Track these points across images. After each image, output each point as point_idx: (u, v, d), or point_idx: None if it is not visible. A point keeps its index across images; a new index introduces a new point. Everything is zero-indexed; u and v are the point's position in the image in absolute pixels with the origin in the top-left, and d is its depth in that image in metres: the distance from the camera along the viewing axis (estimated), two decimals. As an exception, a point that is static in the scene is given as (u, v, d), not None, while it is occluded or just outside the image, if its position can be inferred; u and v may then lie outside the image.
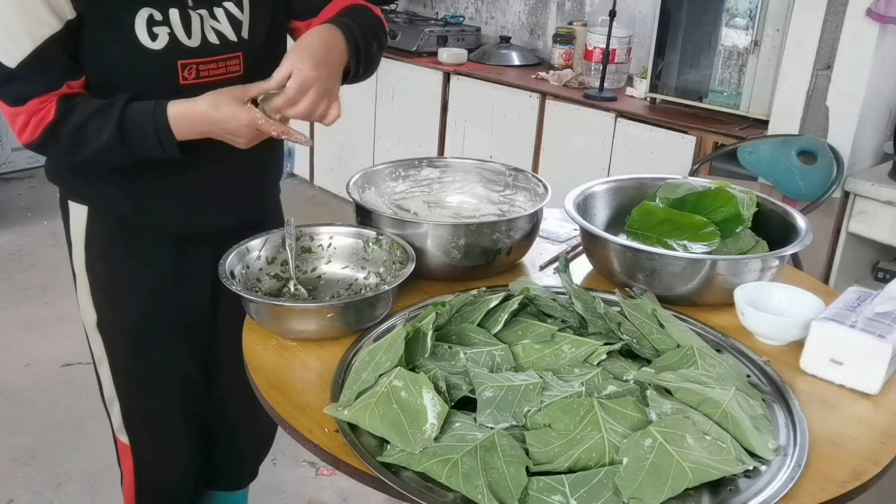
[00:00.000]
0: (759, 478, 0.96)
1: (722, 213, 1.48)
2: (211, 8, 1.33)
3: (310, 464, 2.36)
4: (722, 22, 2.78)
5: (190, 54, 1.31)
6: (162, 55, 1.29)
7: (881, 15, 2.32)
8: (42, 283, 3.37)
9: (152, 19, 1.27)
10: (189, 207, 1.43)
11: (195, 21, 1.31)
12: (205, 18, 1.32)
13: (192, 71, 1.32)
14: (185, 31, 1.30)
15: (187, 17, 1.30)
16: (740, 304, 1.29)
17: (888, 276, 2.66)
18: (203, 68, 1.33)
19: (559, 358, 1.13)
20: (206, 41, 1.33)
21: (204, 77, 1.33)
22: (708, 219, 1.47)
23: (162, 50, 1.28)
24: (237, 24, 1.36)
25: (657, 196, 1.55)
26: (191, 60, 1.31)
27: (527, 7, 3.97)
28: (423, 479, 0.94)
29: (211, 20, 1.33)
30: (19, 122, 1.26)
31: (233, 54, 1.36)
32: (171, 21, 1.28)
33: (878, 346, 1.13)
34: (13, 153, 4.45)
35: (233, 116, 1.25)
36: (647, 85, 3.02)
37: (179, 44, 1.30)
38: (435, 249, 1.38)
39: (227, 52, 1.35)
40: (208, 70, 1.34)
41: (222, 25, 1.34)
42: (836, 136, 2.51)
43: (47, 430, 2.48)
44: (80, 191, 1.43)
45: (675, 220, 1.47)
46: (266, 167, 1.55)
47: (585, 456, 0.95)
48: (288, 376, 1.16)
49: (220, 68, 1.35)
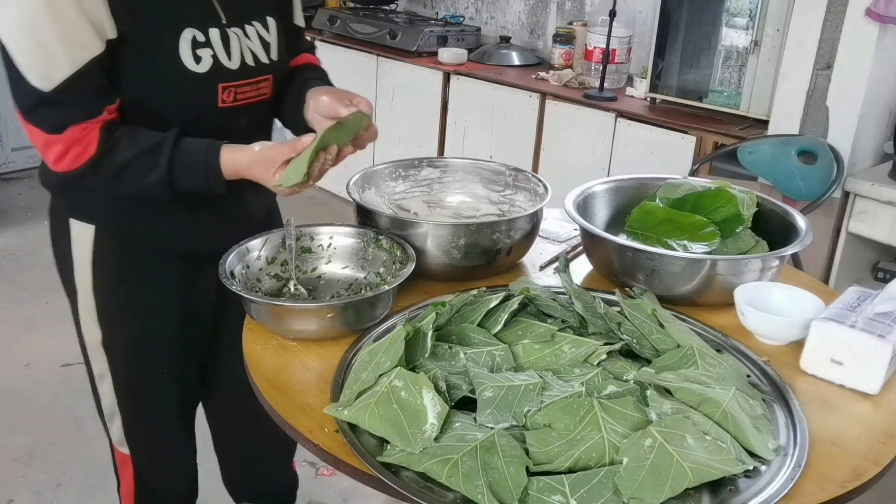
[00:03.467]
0: (759, 478, 0.96)
1: (722, 213, 1.48)
2: (243, 26, 1.32)
3: (310, 464, 2.36)
4: (722, 22, 2.78)
5: (230, 77, 1.30)
6: (204, 79, 1.26)
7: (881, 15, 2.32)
8: (42, 283, 3.37)
9: (196, 41, 1.24)
10: (199, 227, 1.42)
11: (234, 41, 1.30)
12: (241, 38, 1.31)
13: (230, 94, 1.31)
14: (225, 53, 1.28)
15: (226, 36, 1.28)
16: (740, 304, 1.29)
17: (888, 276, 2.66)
18: (240, 91, 1.33)
19: (559, 358, 1.13)
20: (244, 63, 1.32)
21: (240, 100, 1.33)
22: (708, 219, 1.47)
23: (205, 73, 1.26)
24: (266, 46, 1.36)
25: (657, 196, 1.55)
26: (230, 84, 1.30)
27: (527, 7, 3.97)
28: (423, 479, 0.94)
29: (245, 39, 1.32)
30: (55, 152, 1.19)
31: (265, 76, 1.36)
32: (213, 42, 1.26)
33: (878, 346, 1.13)
34: (13, 153, 4.44)
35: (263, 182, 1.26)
36: (647, 85, 3.02)
37: (221, 66, 1.28)
38: (435, 249, 1.38)
39: (260, 75, 1.35)
40: (244, 93, 1.33)
41: (254, 45, 1.34)
42: (836, 136, 2.51)
43: (47, 430, 2.48)
44: (87, 210, 1.37)
45: (675, 220, 1.47)
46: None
47: (585, 456, 0.95)
48: (288, 376, 1.16)
49: (253, 91, 1.35)
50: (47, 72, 1.14)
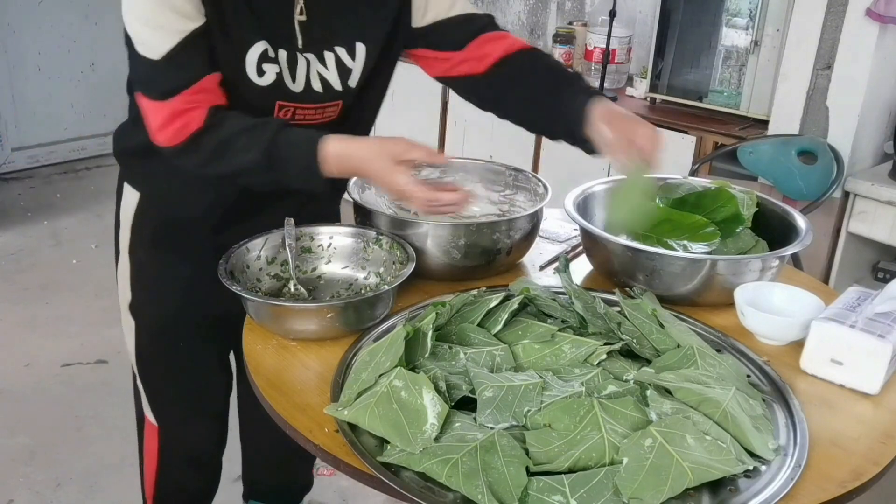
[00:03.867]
0: (759, 478, 0.96)
1: (722, 213, 1.48)
2: (321, 53, 1.29)
3: (310, 464, 2.36)
4: (722, 22, 2.78)
5: (290, 97, 1.28)
6: (264, 92, 1.26)
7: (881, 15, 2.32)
8: (42, 283, 3.37)
9: (265, 55, 1.24)
10: (238, 220, 1.41)
11: (301, 65, 1.27)
12: (312, 63, 1.28)
13: (287, 112, 1.29)
14: (290, 74, 1.27)
15: (294, 59, 1.26)
16: (740, 304, 1.29)
17: (888, 276, 2.66)
18: (300, 112, 1.30)
19: (559, 358, 1.13)
20: (310, 87, 1.29)
21: (299, 119, 1.31)
22: (708, 219, 1.47)
23: (266, 87, 1.26)
24: (345, 73, 1.31)
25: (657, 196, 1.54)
26: (289, 103, 1.29)
27: (527, 7, 3.97)
28: (423, 479, 0.94)
29: (319, 65, 1.29)
30: (160, 118, 1.21)
31: (333, 102, 1.33)
32: (280, 62, 1.25)
33: (878, 346, 1.13)
34: (13, 153, 4.44)
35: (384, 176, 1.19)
36: (647, 85, 3.02)
37: (284, 85, 1.27)
38: (435, 249, 1.38)
39: (327, 101, 1.32)
40: (304, 115, 1.31)
41: (330, 73, 1.30)
42: (836, 136, 2.51)
43: (47, 430, 2.48)
44: (139, 179, 1.42)
45: (675, 220, 1.47)
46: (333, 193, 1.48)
47: (585, 456, 0.95)
48: (288, 376, 1.16)
49: (318, 115, 1.32)
50: (156, 45, 1.19)
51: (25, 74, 4.37)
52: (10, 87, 4.32)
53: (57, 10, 4.38)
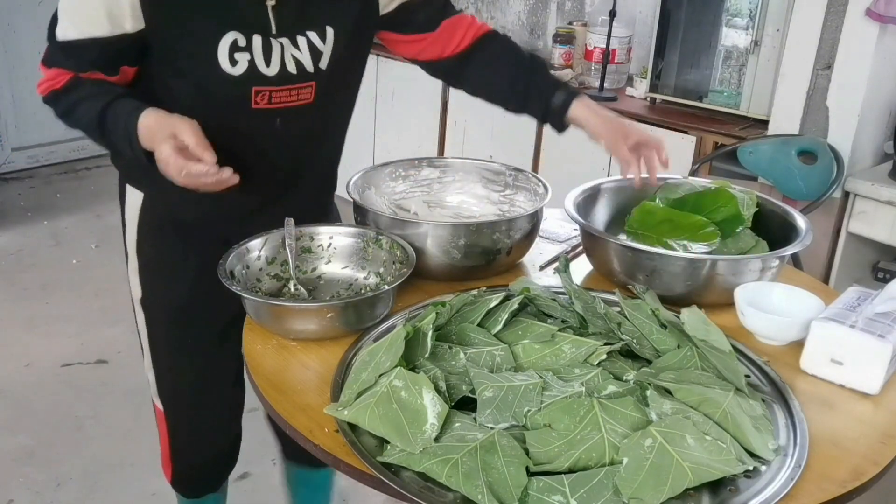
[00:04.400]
0: (759, 478, 0.96)
1: (722, 213, 1.48)
2: (294, 37, 1.34)
3: (310, 464, 2.36)
4: (722, 22, 2.78)
5: (266, 82, 1.33)
6: (238, 81, 1.31)
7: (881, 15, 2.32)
8: (42, 283, 3.37)
9: (235, 45, 1.29)
10: (239, 217, 1.46)
11: (276, 49, 1.32)
12: (286, 47, 1.33)
13: (264, 97, 1.34)
14: (264, 60, 1.32)
15: (269, 45, 1.31)
16: (740, 304, 1.29)
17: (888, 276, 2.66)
18: (276, 95, 1.35)
19: (559, 358, 1.13)
20: (285, 70, 1.34)
21: (276, 103, 1.36)
22: (708, 219, 1.47)
23: (240, 76, 1.31)
24: (317, 55, 1.37)
25: (657, 196, 1.55)
26: (265, 88, 1.33)
27: (527, 7, 3.97)
28: (423, 479, 0.94)
29: (292, 48, 1.34)
30: (42, 79, 1.35)
31: (307, 83, 1.37)
32: (253, 48, 1.30)
33: (878, 346, 1.13)
34: (13, 153, 4.45)
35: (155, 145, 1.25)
36: (647, 85, 3.02)
37: (257, 71, 1.32)
38: (435, 249, 1.38)
39: (302, 81, 1.37)
40: (280, 97, 1.36)
41: (302, 55, 1.35)
42: (836, 136, 2.51)
43: (47, 430, 2.48)
44: (138, 178, 1.48)
45: (675, 220, 1.47)
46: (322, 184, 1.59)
47: (585, 456, 0.95)
48: (288, 376, 1.16)
49: (293, 96, 1.37)
50: (64, 29, 1.29)
51: (25, 74, 4.37)
52: (10, 87, 4.32)
53: (57, 10, 4.38)
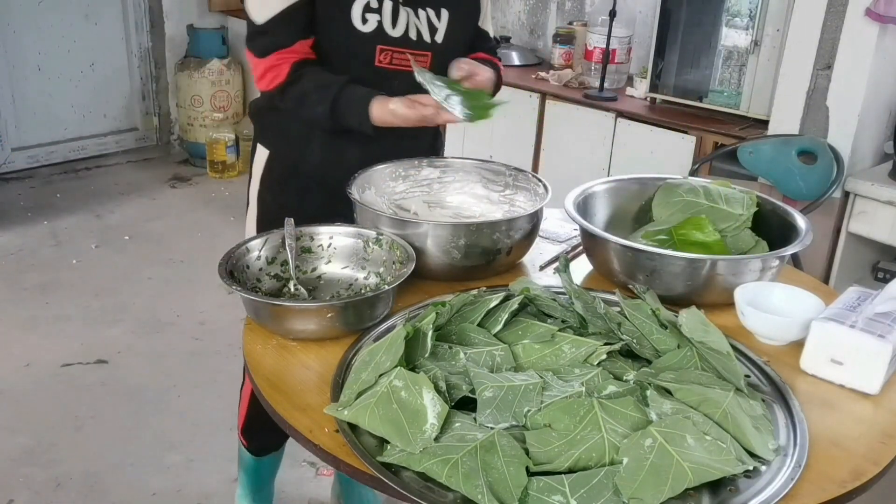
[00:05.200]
0: (759, 478, 0.96)
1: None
2: (416, 8, 1.56)
3: (310, 464, 2.36)
4: (722, 22, 2.78)
5: (390, 42, 1.54)
6: (367, 37, 1.52)
7: (881, 15, 2.32)
8: (42, 283, 3.37)
9: (368, 6, 1.52)
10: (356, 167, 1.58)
11: (402, 15, 1.54)
12: (410, 16, 1.55)
13: (387, 56, 1.56)
14: (391, 22, 1.53)
15: (397, 10, 1.54)
16: (740, 304, 1.29)
17: (888, 276, 2.65)
18: (397, 57, 1.56)
19: (559, 358, 1.13)
20: (407, 35, 1.55)
21: (396, 64, 1.57)
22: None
23: (368, 33, 1.52)
24: (433, 29, 1.59)
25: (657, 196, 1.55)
26: (388, 47, 1.55)
27: (527, 7, 3.97)
28: (423, 479, 0.94)
29: (415, 18, 1.56)
30: (259, 71, 1.55)
31: (424, 52, 1.59)
32: (383, 11, 1.53)
33: (878, 346, 1.13)
34: (13, 153, 4.44)
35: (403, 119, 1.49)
36: (647, 85, 3.02)
37: (384, 31, 1.53)
38: (435, 249, 1.38)
39: (420, 49, 1.58)
40: (401, 60, 1.56)
41: (421, 25, 1.57)
42: (836, 136, 2.50)
43: (47, 430, 2.48)
44: (268, 137, 1.70)
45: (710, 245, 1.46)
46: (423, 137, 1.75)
47: (585, 456, 0.95)
48: (288, 376, 1.16)
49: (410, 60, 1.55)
50: (262, 10, 1.51)
51: (25, 74, 4.37)
52: (10, 87, 4.32)
53: (57, 10, 4.38)
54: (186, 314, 3.14)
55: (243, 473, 1.99)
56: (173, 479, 2.31)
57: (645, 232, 1.51)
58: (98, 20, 4.53)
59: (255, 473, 1.98)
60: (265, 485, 2.03)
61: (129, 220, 4.01)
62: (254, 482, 2.00)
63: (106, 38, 4.56)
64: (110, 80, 4.65)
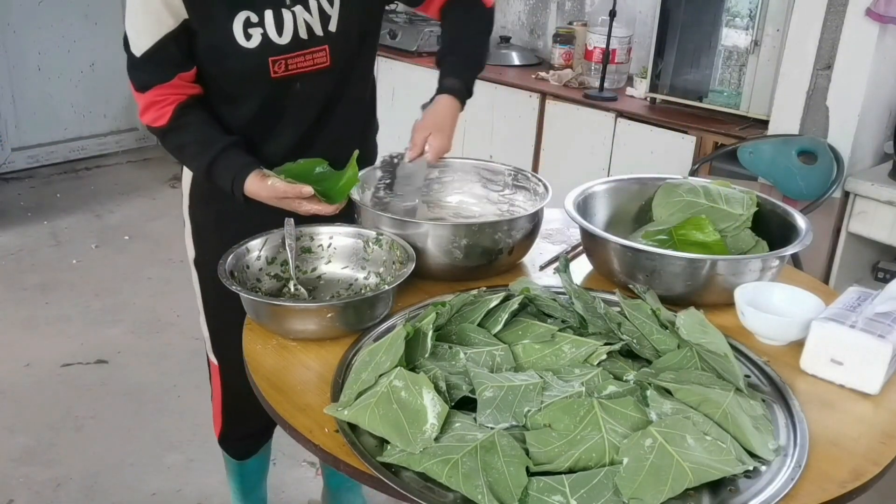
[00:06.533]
0: (760, 478, 0.96)
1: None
2: (307, 3, 1.46)
3: (310, 464, 2.36)
4: (722, 22, 2.78)
5: (280, 51, 1.45)
6: (255, 53, 1.44)
7: (881, 15, 2.32)
8: (42, 283, 3.37)
9: (248, 21, 1.42)
10: None
11: (287, 19, 1.44)
12: (298, 14, 1.45)
13: (281, 65, 1.46)
14: (276, 31, 1.44)
15: (280, 16, 1.44)
16: (740, 304, 1.29)
17: (888, 276, 2.65)
18: (291, 62, 1.47)
19: (559, 358, 1.13)
20: (297, 36, 1.46)
21: (292, 69, 1.47)
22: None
23: (255, 48, 1.43)
24: (325, 19, 1.48)
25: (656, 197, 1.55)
26: (280, 56, 1.45)
27: (527, 7, 3.97)
28: (423, 479, 0.94)
29: (305, 13, 1.46)
30: (141, 105, 1.48)
31: (319, 47, 1.49)
32: (266, 22, 1.43)
33: (878, 346, 1.13)
34: (13, 153, 4.44)
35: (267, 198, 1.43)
36: (647, 85, 3.02)
37: (271, 42, 1.44)
38: (435, 249, 1.38)
39: (314, 46, 1.48)
40: (296, 63, 1.48)
41: (312, 19, 1.47)
42: (836, 136, 2.50)
43: (47, 430, 2.48)
44: None
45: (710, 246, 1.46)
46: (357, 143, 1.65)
47: (585, 456, 0.95)
48: (288, 376, 1.16)
49: (308, 61, 1.48)
50: (137, 43, 1.43)
51: (25, 74, 4.37)
52: (10, 87, 4.32)
53: (57, 10, 4.38)
54: (186, 314, 3.13)
55: (231, 478, 1.99)
56: (173, 479, 2.31)
57: (645, 232, 1.51)
58: (98, 20, 4.53)
59: (242, 477, 1.98)
60: (256, 486, 2.02)
61: (129, 220, 4.01)
62: (242, 486, 1.99)
63: (106, 38, 4.55)
64: (110, 80, 4.65)
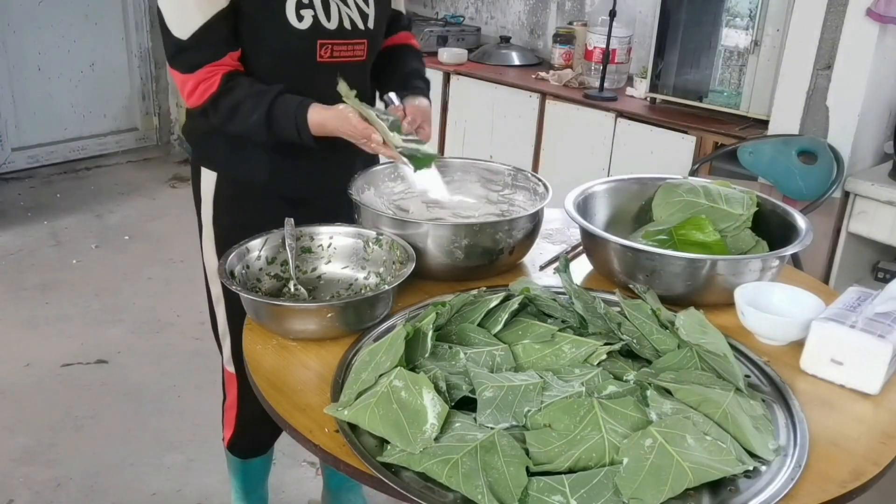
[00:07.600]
0: (760, 478, 0.96)
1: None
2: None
3: (310, 464, 2.36)
4: (722, 22, 2.78)
5: (328, 35, 1.52)
6: (305, 34, 1.49)
7: (881, 15, 2.32)
8: (42, 283, 3.37)
9: (300, 3, 1.48)
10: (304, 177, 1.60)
11: (333, 7, 1.52)
12: (340, 5, 1.53)
13: (327, 50, 1.53)
14: (325, 15, 1.51)
15: (327, 3, 1.51)
16: (740, 304, 1.29)
17: (888, 276, 2.65)
18: (336, 49, 1.54)
19: (559, 358, 1.13)
20: (342, 25, 1.53)
21: (336, 57, 1.54)
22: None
23: (306, 30, 1.49)
24: (364, 16, 1.58)
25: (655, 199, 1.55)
26: (328, 41, 1.52)
27: (527, 7, 3.97)
28: (423, 479, 0.94)
29: (344, 6, 1.54)
30: (188, 87, 1.48)
31: (360, 40, 1.58)
32: (315, 5, 1.50)
33: (878, 346, 1.13)
34: (13, 153, 4.44)
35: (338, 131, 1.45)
36: (647, 85, 3.02)
37: (321, 25, 1.50)
38: (435, 249, 1.38)
39: (356, 38, 1.57)
40: (340, 52, 1.55)
41: (353, 13, 1.55)
42: (836, 136, 2.50)
43: (47, 430, 2.48)
44: (212, 159, 1.64)
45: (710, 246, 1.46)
46: None
47: (585, 456, 0.95)
48: (288, 376, 1.16)
49: (350, 51, 1.56)
50: (184, 24, 1.44)
51: (25, 74, 4.37)
52: (10, 87, 4.32)
53: (57, 10, 4.38)
54: (186, 314, 3.13)
55: (233, 477, 2.00)
56: (173, 479, 2.31)
57: (645, 232, 1.51)
58: (98, 20, 4.53)
59: (245, 476, 1.98)
60: (258, 486, 2.03)
61: (129, 220, 4.01)
62: (245, 485, 2.00)
63: (106, 38, 4.56)
64: (110, 80, 4.65)
